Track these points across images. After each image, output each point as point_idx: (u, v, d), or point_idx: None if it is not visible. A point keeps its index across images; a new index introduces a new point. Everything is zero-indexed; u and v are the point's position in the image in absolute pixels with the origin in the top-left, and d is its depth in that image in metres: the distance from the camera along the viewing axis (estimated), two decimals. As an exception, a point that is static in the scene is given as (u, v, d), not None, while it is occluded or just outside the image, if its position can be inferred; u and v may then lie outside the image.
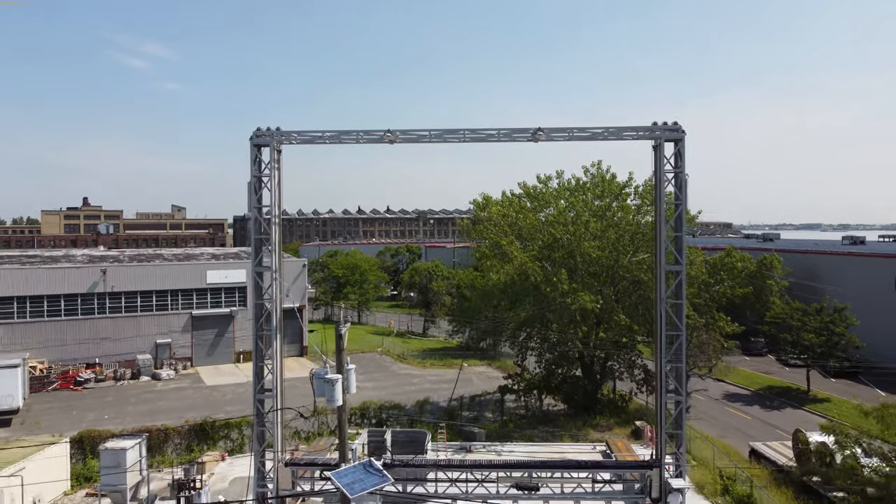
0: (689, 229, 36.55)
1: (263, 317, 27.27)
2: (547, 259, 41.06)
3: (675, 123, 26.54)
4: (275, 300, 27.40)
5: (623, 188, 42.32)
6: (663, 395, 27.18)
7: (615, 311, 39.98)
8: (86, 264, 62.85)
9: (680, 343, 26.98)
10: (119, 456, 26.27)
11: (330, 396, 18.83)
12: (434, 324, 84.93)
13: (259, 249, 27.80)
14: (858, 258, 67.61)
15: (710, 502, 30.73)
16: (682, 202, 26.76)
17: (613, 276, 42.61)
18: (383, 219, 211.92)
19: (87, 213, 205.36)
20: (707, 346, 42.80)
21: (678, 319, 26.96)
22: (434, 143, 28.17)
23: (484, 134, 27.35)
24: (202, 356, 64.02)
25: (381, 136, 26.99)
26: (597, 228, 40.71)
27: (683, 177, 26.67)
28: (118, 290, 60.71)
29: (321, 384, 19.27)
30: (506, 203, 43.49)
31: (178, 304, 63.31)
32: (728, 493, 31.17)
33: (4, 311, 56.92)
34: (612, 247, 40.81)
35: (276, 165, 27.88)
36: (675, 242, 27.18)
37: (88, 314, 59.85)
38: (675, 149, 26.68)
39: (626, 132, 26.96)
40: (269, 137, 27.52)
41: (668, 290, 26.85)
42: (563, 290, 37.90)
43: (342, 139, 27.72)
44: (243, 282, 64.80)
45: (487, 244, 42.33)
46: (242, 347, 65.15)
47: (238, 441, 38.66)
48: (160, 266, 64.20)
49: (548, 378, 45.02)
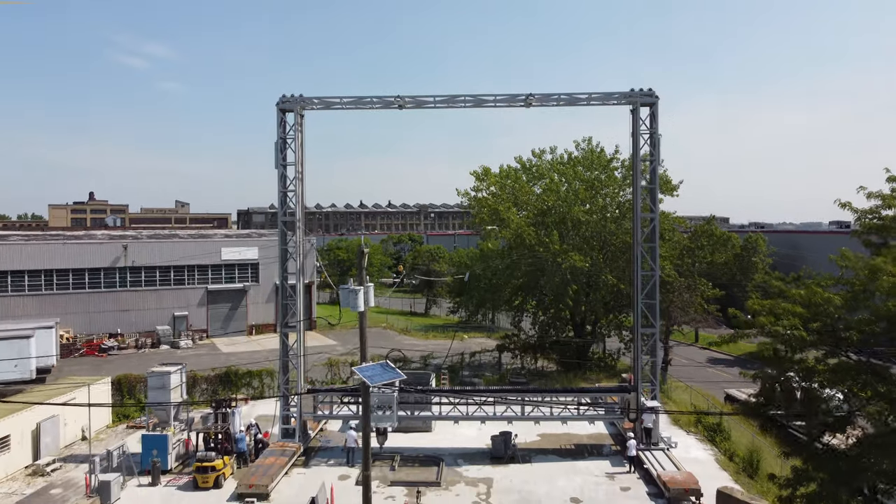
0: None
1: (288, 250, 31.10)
2: (541, 224, 44.79)
3: (650, 90, 30.30)
4: (298, 243, 31.22)
5: (610, 161, 46.04)
6: (639, 329, 30.97)
7: (603, 273, 43.67)
8: (107, 241, 66.53)
9: (654, 281, 30.77)
10: (164, 378, 29.99)
11: (354, 304, 22.59)
12: (436, 304, 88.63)
13: (284, 202, 31.57)
14: (843, 236, 71.17)
15: (685, 431, 34.44)
16: (656, 158, 30.55)
17: (603, 242, 46.29)
18: (385, 213, 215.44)
19: (94, 207, 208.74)
20: (689, 306, 46.47)
21: (652, 261, 30.77)
22: (439, 108, 31.83)
23: (483, 99, 31.08)
24: (217, 328, 67.73)
25: (393, 100, 30.72)
26: (586, 196, 44.44)
27: (657, 136, 30.46)
28: (138, 265, 64.40)
29: (346, 294, 23.00)
30: (503, 175, 47.24)
31: (194, 278, 66.99)
32: (700, 423, 34.89)
33: (33, 283, 60.61)
34: (600, 212, 44.56)
35: (300, 128, 31.65)
36: (651, 193, 30.96)
37: (111, 287, 63.53)
38: (650, 111, 30.49)
39: (607, 97, 30.72)
40: (292, 103, 31.26)
41: (644, 234, 30.66)
42: (555, 249, 41.65)
43: (358, 105, 31.45)
44: (256, 259, 68.67)
45: (486, 212, 46.03)
46: (255, 321, 69.00)
47: (259, 389, 42.37)
48: (177, 243, 67.94)
49: (542, 339, 48.74)
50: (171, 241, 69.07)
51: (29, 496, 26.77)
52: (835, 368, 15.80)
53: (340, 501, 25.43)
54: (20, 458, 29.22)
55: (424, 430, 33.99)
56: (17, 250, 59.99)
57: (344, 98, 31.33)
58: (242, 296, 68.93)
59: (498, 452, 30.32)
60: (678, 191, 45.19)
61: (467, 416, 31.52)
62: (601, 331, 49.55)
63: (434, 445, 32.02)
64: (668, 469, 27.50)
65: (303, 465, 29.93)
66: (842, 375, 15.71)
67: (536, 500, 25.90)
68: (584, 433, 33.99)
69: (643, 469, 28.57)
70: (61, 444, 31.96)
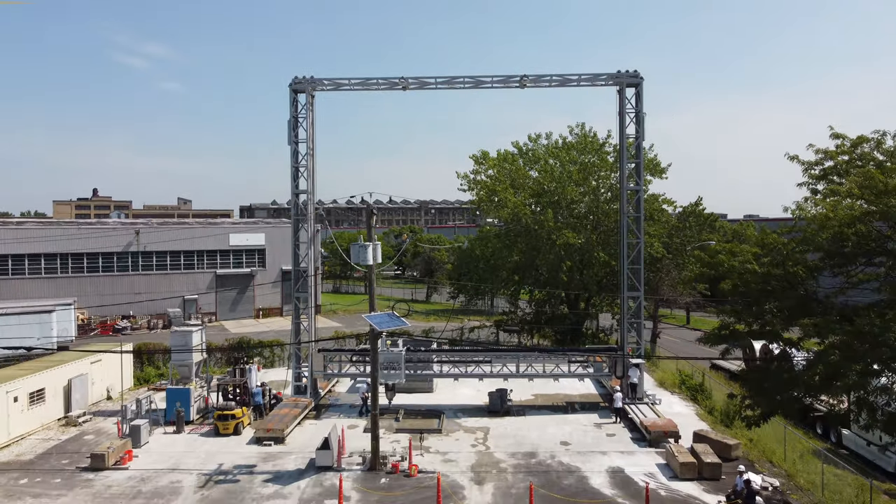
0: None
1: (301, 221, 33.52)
2: (536, 204, 47.26)
3: (635, 71, 32.75)
4: (310, 216, 33.66)
5: (603, 145, 48.48)
6: (626, 292, 33.42)
7: (596, 250, 46.12)
8: (120, 227, 69.02)
9: (639, 249, 33.23)
10: (186, 337, 32.41)
11: (363, 258, 25.10)
12: (437, 291, 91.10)
13: (296, 176, 34.00)
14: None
15: (669, 391, 36.88)
16: (641, 135, 33.00)
17: (596, 222, 48.72)
18: (386, 208, 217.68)
19: (98, 204, 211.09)
20: (679, 283, 48.90)
21: (637, 230, 33.21)
22: (440, 90, 34.24)
23: (481, 80, 33.48)
24: (225, 312, 70.20)
25: (397, 81, 33.14)
26: (579, 178, 46.88)
27: (641, 114, 32.90)
28: (150, 250, 66.94)
29: (356, 250, 25.52)
30: (500, 159, 49.70)
31: (203, 263, 69.50)
32: (684, 384, 37.35)
33: (49, 267, 63.12)
34: (592, 193, 47.01)
35: (311, 107, 34.08)
36: (636, 168, 33.39)
37: (123, 271, 66.09)
38: (635, 91, 32.93)
39: (596, 78, 33.16)
40: (304, 84, 33.69)
41: (630, 205, 33.10)
42: (550, 226, 44.11)
43: (365, 85, 33.85)
44: (263, 244, 71.20)
45: (485, 194, 48.47)
46: (262, 304, 71.45)
47: (269, 359, 44.88)
48: (187, 229, 70.44)
49: (538, 315, 51.19)
50: (181, 227, 71.55)
51: (64, 441, 29.24)
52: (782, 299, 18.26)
53: (350, 444, 27.87)
54: (54, 411, 31.68)
55: (426, 391, 36.48)
56: (34, 235, 62.53)
57: (352, 79, 33.72)
58: (250, 280, 71.37)
59: (494, 407, 32.77)
60: (667, 173, 47.60)
61: (466, 374, 33.99)
62: (594, 308, 51.97)
63: (436, 403, 34.53)
64: (651, 417, 29.94)
65: (314, 417, 32.41)
66: (789, 307, 18.13)
67: (529, 442, 28.35)
68: (575, 393, 36.47)
69: (628, 419, 31.04)
70: (89, 401, 34.43)
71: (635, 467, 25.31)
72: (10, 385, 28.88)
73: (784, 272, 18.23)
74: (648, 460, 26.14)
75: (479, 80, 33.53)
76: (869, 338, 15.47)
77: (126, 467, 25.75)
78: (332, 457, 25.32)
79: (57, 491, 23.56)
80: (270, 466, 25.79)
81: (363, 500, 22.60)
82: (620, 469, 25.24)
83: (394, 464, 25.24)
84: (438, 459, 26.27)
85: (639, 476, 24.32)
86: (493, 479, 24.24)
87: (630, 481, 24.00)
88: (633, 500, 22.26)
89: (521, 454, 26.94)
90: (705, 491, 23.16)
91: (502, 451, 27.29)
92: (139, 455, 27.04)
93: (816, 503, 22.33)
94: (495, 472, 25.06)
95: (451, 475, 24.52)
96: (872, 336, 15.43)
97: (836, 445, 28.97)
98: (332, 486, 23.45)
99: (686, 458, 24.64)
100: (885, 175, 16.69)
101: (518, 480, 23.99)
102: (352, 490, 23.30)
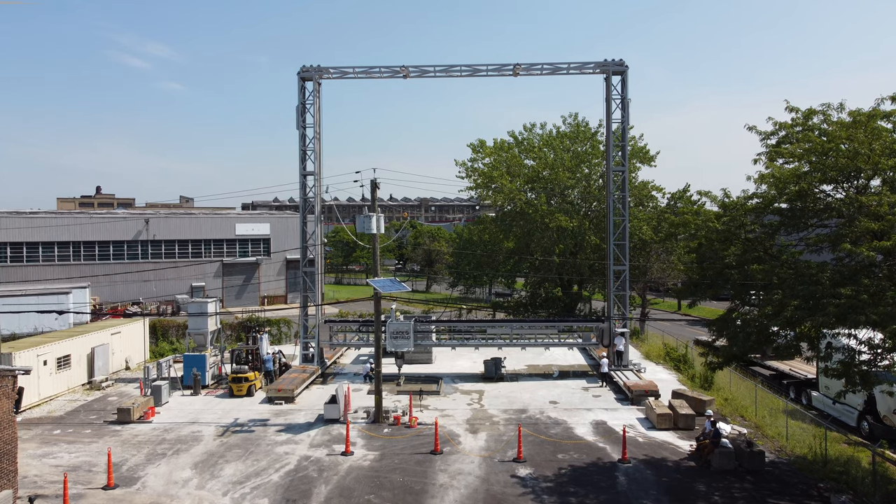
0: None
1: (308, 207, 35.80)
2: (531, 190, 49.56)
3: (621, 60, 35.03)
4: (317, 197, 35.96)
5: (595, 134, 50.72)
6: (612, 266, 35.72)
7: (588, 234, 48.39)
8: (130, 216, 71.35)
9: (624, 226, 35.53)
10: (202, 307, 34.72)
11: (368, 227, 27.39)
12: (436, 282, 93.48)
13: (304, 158, 36.30)
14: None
15: (654, 362, 39.19)
16: (626, 120, 35.28)
17: (588, 208, 50.99)
18: (386, 205, 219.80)
19: (101, 201, 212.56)
20: (668, 268, 51.14)
21: (623, 209, 35.51)
22: (439, 78, 36.53)
23: (476, 68, 35.77)
24: (231, 299, 72.45)
25: (399, 69, 35.43)
26: (572, 164, 49.13)
27: (627, 100, 35.21)
28: (159, 239, 69.29)
29: (362, 220, 27.80)
30: (497, 147, 51.95)
31: (210, 252, 71.83)
32: (668, 356, 39.65)
33: (62, 254, 65.48)
34: (584, 179, 49.30)
35: (318, 94, 36.41)
36: (622, 151, 35.68)
37: (133, 259, 68.42)
38: (621, 79, 35.22)
39: (584, 66, 35.45)
40: (311, 72, 35.99)
41: (615, 186, 35.41)
42: (543, 210, 46.41)
43: (369, 74, 36.13)
44: (268, 234, 73.43)
45: (482, 181, 50.71)
46: (267, 292, 73.69)
47: (277, 336, 47.15)
48: (195, 218, 72.77)
49: (533, 297, 53.49)
50: (189, 217, 73.87)
51: (91, 401, 31.57)
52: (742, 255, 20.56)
53: (355, 403, 30.19)
54: (78, 376, 34.00)
55: (426, 362, 38.80)
56: (47, 222, 64.86)
57: (356, 68, 36.03)
58: (255, 269, 73.68)
59: (489, 373, 35.10)
60: (655, 161, 49.82)
61: (462, 343, 36.37)
62: (586, 292, 54.21)
63: (435, 372, 36.86)
64: (633, 380, 32.24)
65: (321, 383, 34.74)
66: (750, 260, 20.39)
67: (521, 402, 30.68)
68: (566, 364, 38.82)
69: (613, 383, 33.36)
70: (110, 370, 36.73)
71: (617, 420, 27.60)
72: (41, 349, 31.20)
73: (742, 231, 20.52)
74: (630, 415, 28.44)
75: (476, 68, 35.83)
76: (807, 278, 17.78)
77: (150, 421, 28.06)
78: (339, 410, 27.62)
79: (89, 439, 25.86)
80: (282, 420, 28.10)
81: (367, 444, 24.89)
82: (603, 422, 27.54)
83: (396, 417, 27.53)
84: (437, 414, 28.53)
85: (619, 426, 26.60)
86: (486, 430, 26.53)
87: (611, 430, 26.30)
88: (613, 444, 24.55)
89: (513, 410, 29.26)
90: (679, 438, 25.46)
91: (495, 409, 29.60)
92: (161, 412, 29.37)
93: (780, 448, 24.65)
94: (488, 423, 27.36)
95: (449, 426, 26.80)
96: (810, 276, 17.74)
97: (806, 408, 31.25)
98: (339, 433, 25.75)
99: (663, 410, 26.94)
100: (826, 140, 19.00)
101: (509, 430, 26.27)
102: (357, 437, 25.60)
